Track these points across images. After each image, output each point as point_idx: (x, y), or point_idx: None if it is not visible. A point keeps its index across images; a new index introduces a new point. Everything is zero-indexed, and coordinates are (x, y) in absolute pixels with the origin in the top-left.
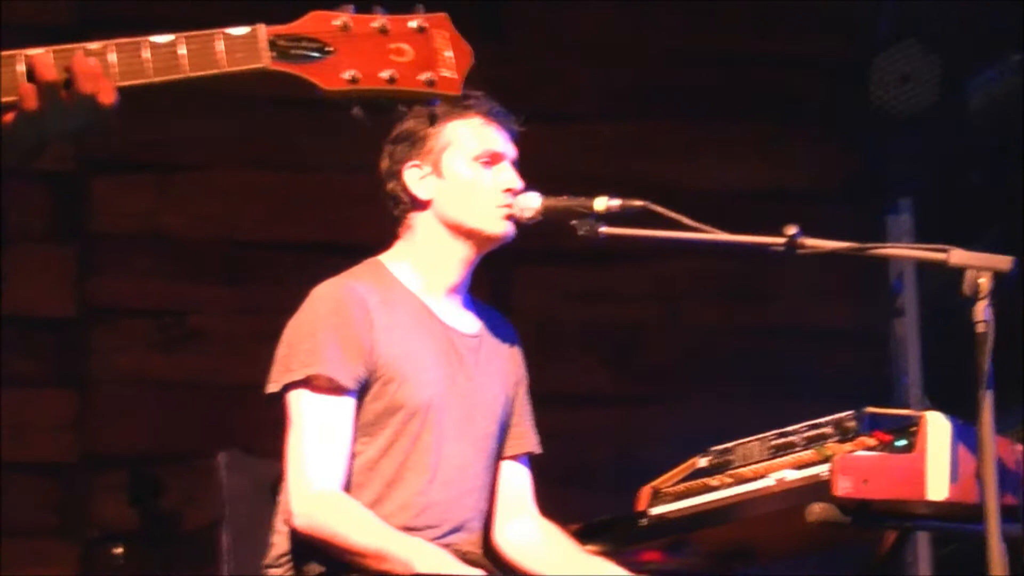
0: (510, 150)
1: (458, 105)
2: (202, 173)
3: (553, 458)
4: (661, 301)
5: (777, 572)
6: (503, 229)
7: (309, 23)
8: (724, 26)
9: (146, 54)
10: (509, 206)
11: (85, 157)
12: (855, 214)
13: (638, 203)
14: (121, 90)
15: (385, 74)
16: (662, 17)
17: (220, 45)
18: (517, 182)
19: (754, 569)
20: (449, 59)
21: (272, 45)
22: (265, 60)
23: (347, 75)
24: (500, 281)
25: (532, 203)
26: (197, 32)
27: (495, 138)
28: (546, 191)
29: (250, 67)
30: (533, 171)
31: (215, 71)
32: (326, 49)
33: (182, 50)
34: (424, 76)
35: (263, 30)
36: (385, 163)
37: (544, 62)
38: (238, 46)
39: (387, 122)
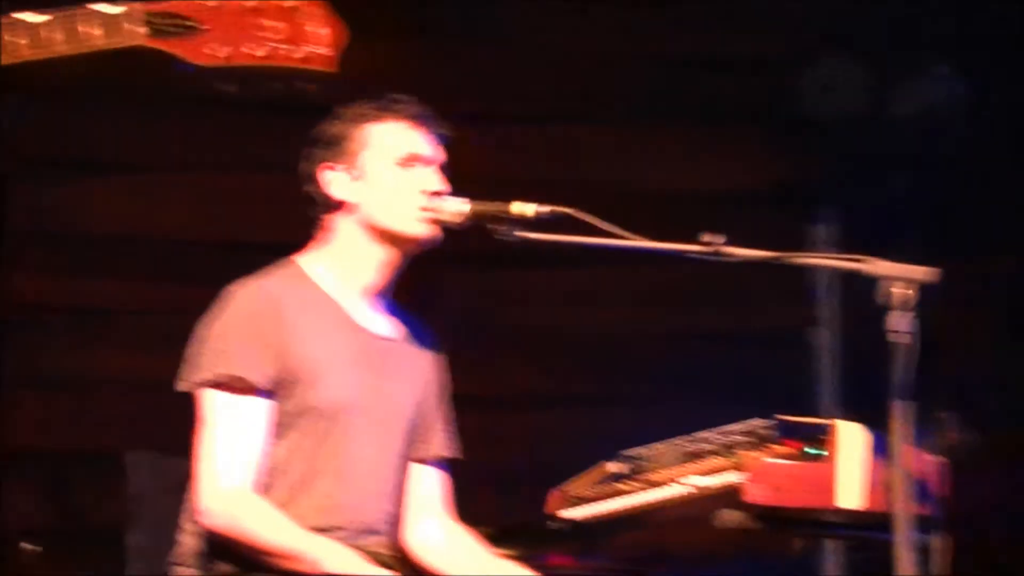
0: (435, 153)
1: (379, 108)
2: (122, 172)
3: (479, 461)
4: (591, 305)
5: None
6: (423, 231)
7: (183, 2)
8: (654, 29)
9: (22, 36)
10: (432, 209)
11: (4, 154)
12: (784, 219)
13: (559, 209)
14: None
15: (258, 51)
16: (591, 19)
17: (95, 23)
18: (440, 185)
19: (666, 574)
20: (323, 36)
21: (146, 23)
22: (140, 37)
23: (221, 51)
24: (430, 283)
25: (459, 207)
26: (72, 10)
27: (418, 141)
28: (468, 194)
29: (125, 44)
30: (455, 173)
31: (91, 48)
32: (200, 27)
33: (58, 30)
34: (297, 52)
35: (137, 8)
36: (304, 165)
37: (469, 62)
38: (113, 24)
39: (312, 123)
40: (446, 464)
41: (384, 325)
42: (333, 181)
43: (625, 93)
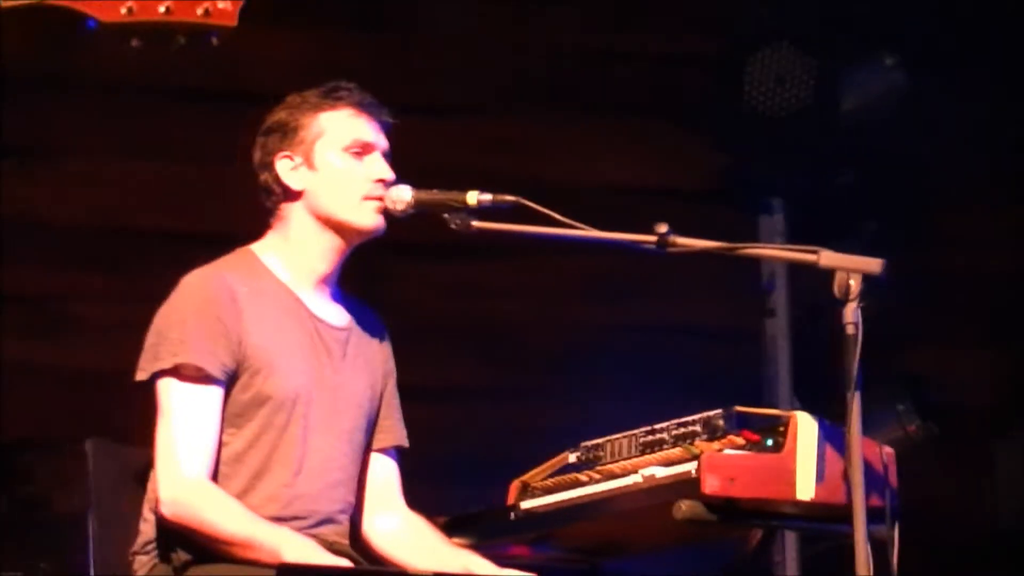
0: (381, 141)
1: (329, 96)
2: (82, 160)
3: (426, 452)
4: (539, 296)
5: (646, 568)
6: (373, 223)
7: None
8: (604, 22)
9: None
10: (380, 198)
11: None
12: (732, 212)
13: (509, 198)
14: None
15: (160, 6)
16: (544, 12)
17: None
18: (388, 173)
19: (622, 564)
20: None
21: None
22: None
23: (123, 8)
24: (375, 273)
25: (404, 195)
26: None
27: (366, 129)
28: (421, 185)
29: (27, 1)
30: (409, 164)
31: None
32: None
33: None
34: (199, 8)
35: None
36: (258, 154)
37: (423, 55)
38: None
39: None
40: (399, 453)
41: (338, 314)
42: (288, 170)
43: (572, 86)
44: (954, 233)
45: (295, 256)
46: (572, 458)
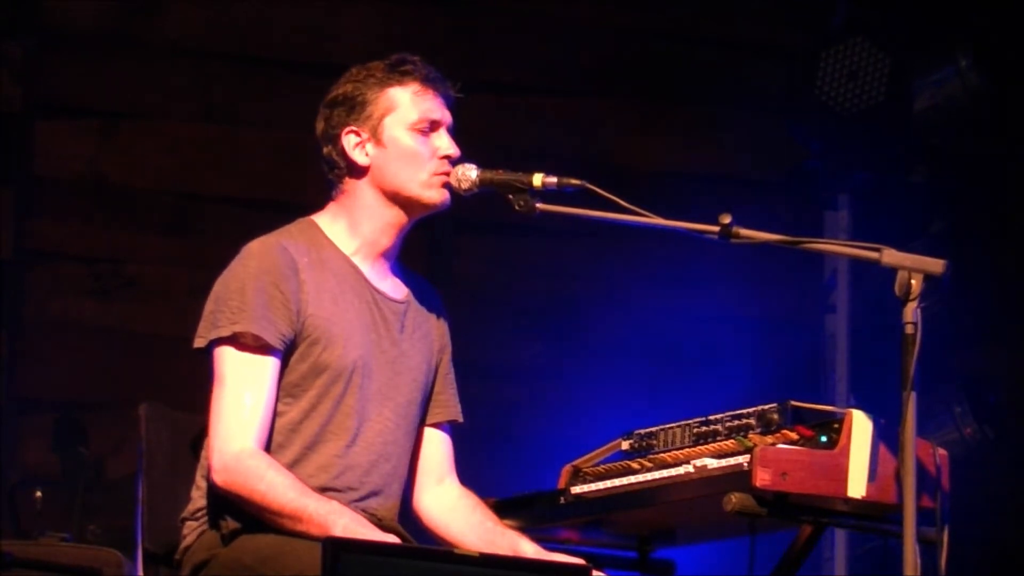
0: (447, 116)
1: (396, 71)
2: (148, 122)
3: (481, 428)
4: (599, 277)
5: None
6: (439, 198)
7: None
8: (678, 7)
9: None
10: (446, 173)
11: (31, 99)
12: (797, 205)
13: (575, 182)
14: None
15: None
16: None
17: None
18: (454, 149)
19: (671, 552)
20: None
21: None
22: None
23: None
24: (440, 248)
25: (469, 174)
26: None
27: (433, 105)
28: (488, 162)
29: None
30: (477, 141)
31: None
32: None
33: None
34: None
35: None
36: (321, 126)
37: (494, 34)
38: None
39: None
40: (453, 428)
41: (397, 288)
42: (353, 145)
43: (646, 71)
44: (1019, 235)
45: (357, 228)
46: (625, 445)
